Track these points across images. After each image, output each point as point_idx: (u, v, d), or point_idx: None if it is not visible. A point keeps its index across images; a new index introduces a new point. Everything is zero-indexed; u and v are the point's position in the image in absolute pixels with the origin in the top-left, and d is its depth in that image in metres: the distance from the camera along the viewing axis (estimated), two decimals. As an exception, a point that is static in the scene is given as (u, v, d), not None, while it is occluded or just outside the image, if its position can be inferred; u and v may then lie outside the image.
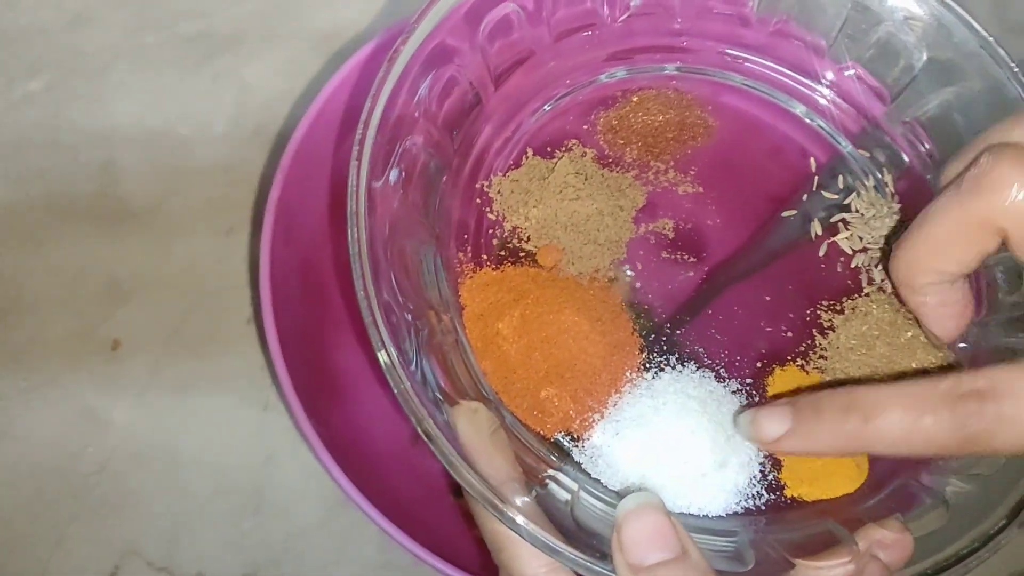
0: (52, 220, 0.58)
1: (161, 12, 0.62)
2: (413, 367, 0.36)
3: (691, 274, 0.44)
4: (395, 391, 0.34)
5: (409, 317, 0.38)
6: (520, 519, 0.34)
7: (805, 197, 0.45)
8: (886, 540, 0.36)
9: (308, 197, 0.51)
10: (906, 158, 0.45)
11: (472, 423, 0.36)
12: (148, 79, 0.61)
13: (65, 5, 0.62)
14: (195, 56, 0.62)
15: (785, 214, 0.45)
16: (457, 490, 0.56)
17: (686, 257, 0.44)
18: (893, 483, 0.40)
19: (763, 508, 0.39)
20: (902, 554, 0.36)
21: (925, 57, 0.43)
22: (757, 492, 0.39)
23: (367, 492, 0.44)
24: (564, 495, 0.37)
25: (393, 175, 0.39)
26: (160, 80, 0.61)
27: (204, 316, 0.58)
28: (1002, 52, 0.42)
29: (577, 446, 0.39)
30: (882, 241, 0.43)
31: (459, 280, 0.41)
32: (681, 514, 0.39)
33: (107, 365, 0.56)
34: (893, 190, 0.45)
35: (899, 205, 0.44)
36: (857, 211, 0.44)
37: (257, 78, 0.62)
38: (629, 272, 0.43)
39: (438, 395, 0.36)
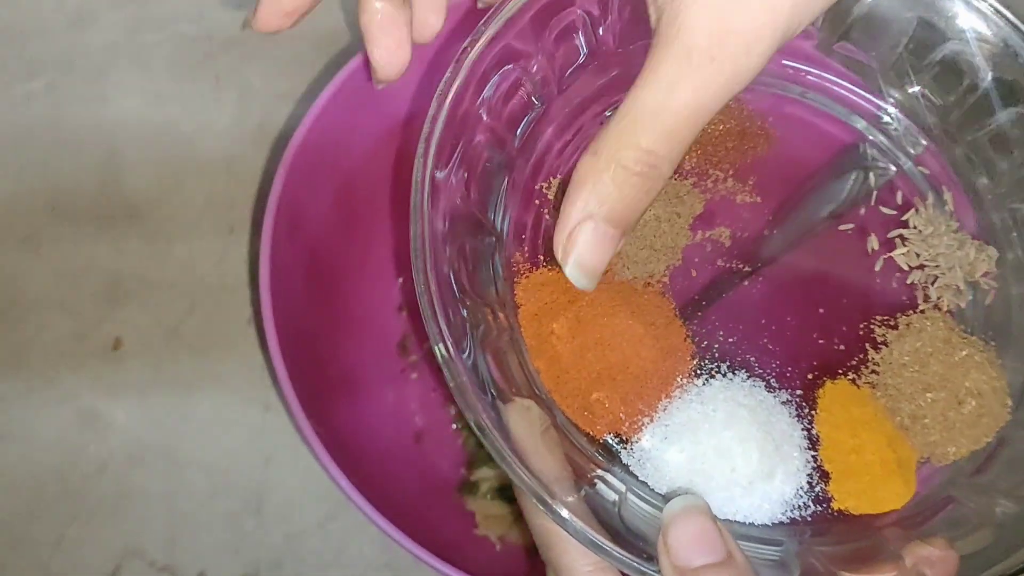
0: (52, 220, 0.59)
1: (162, 11, 0.63)
2: (469, 362, 0.36)
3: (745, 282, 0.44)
4: (450, 384, 0.35)
5: (465, 313, 0.38)
6: (569, 515, 0.34)
7: (863, 211, 0.45)
8: (932, 557, 0.37)
9: (310, 196, 0.51)
10: (966, 176, 0.45)
11: (524, 420, 0.37)
12: (149, 78, 0.62)
13: (66, 4, 0.62)
14: (197, 55, 0.62)
15: (842, 228, 0.45)
16: (462, 488, 0.57)
17: (741, 265, 0.44)
18: (939, 501, 0.40)
19: (809, 519, 0.39)
20: (947, 572, 0.36)
21: (990, 77, 0.43)
22: (804, 503, 0.39)
23: (367, 493, 0.44)
24: (612, 496, 0.38)
25: (456, 172, 0.40)
26: (161, 79, 0.62)
27: (205, 316, 0.58)
28: None
29: (626, 448, 0.40)
30: (940, 259, 0.43)
31: (515, 279, 0.42)
32: (727, 521, 0.39)
33: (107, 365, 0.57)
34: (952, 208, 0.45)
35: (957, 223, 0.44)
36: (915, 227, 0.44)
37: (259, 77, 0.62)
38: None
39: (492, 391, 0.37)
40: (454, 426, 0.61)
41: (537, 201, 0.44)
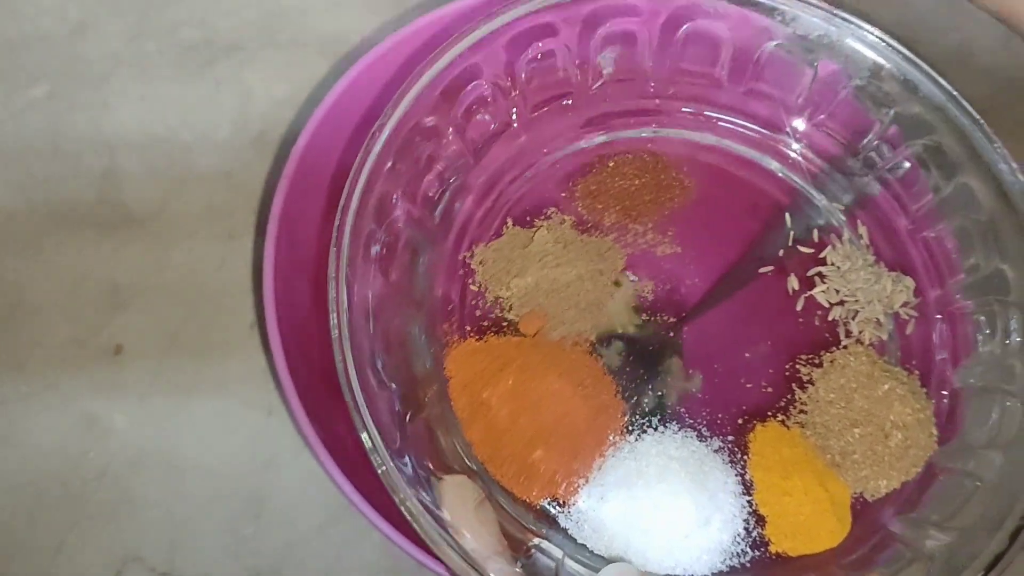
0: (53, 226, 0.58)
1: (162, 19, 0.62)
2: (397, 445, 0.37)
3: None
4: (378, 472, 0.36)
5: (394, 390, 0.39)
6: None
7: (781, 252, 0.46)
8: (868, 593, 0.37)
9: (312, 202, 0.52)
10: (880, 210, 0.46)
11: (458, 496, 0.38)
12: (150, 86, 0.61)
13: (66, 13, 0.62)
14: (197, 62, 0.61)
15: (762, 270, 0.46)
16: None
17: (666, 317, 0.45)
18: (874, 536, 0.41)
19: (748, 565, 0.40)
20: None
21: (893, 111, 0.44)
22: (742, 550, 0.40)
23: (369, 497, 0.44)
24: (549, 563, 0.38)
25: (375, 255, 0.40)
26: (162, 87, 0.61)
27: (206, 321, 0.58)
28: (967, 104, 0.42)
29: (563, 512, 0.40)
30: (858, 293, 0.44)
31: (444, 351, 0.43)
32: None
33: (108, 370, 0.56)
34: (868, 241, 0.46)
35: (873, 256, 0.45)
36: (833, 264, 0.45)
37: (260, 84, 0.61)
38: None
39: (421, 472, 0.37)
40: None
41: (461, 271, 0.45)
